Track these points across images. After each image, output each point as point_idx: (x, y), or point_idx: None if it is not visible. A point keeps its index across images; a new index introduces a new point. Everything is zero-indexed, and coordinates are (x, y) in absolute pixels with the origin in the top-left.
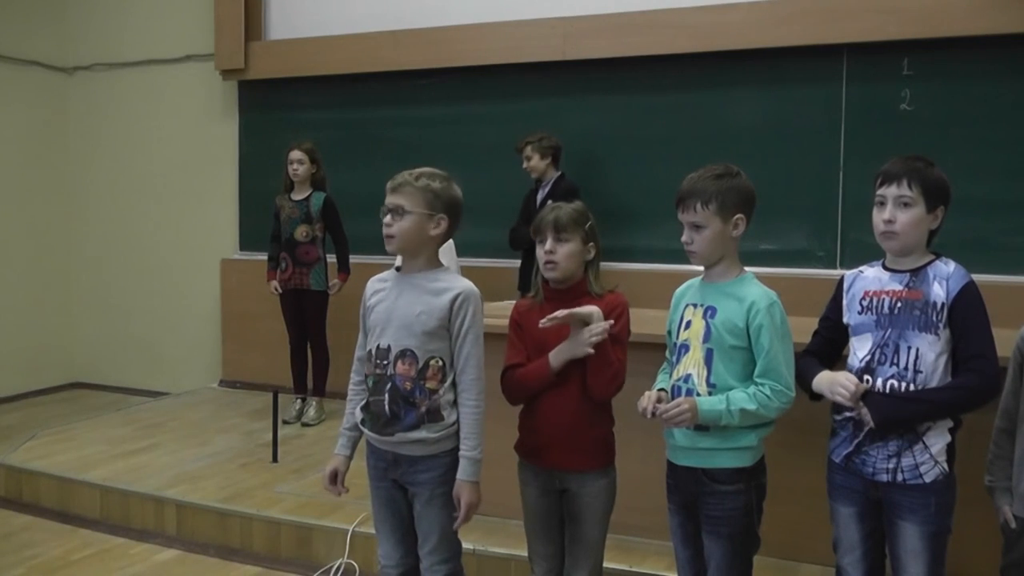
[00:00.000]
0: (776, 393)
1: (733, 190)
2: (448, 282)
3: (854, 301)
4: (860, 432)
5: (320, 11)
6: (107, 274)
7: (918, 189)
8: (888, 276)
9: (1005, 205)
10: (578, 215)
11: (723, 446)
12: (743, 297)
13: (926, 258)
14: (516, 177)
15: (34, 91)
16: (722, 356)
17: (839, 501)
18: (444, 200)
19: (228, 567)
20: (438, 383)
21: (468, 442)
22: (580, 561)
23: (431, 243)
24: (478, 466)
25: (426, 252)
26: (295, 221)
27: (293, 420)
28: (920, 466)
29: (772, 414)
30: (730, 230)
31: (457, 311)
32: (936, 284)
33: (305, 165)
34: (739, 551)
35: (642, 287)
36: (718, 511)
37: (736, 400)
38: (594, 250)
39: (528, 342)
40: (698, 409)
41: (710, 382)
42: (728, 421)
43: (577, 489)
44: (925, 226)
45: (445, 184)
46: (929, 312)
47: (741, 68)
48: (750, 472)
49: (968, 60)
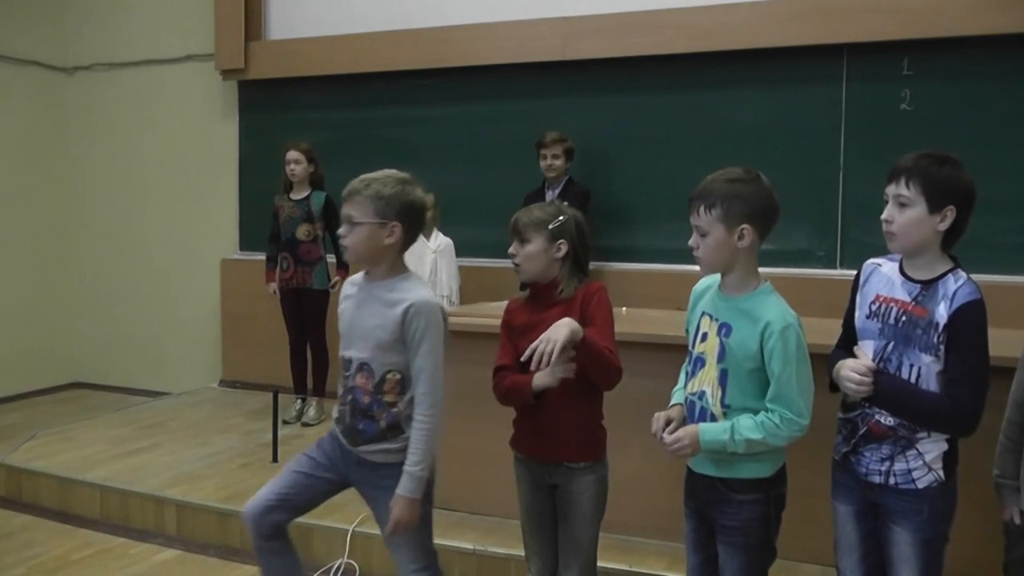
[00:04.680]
0: (786, 422)
1: (741, 197)
2: (404, 292)
3: (865, 301)
4: (856, 434)
5: (320, 11)
6: (107, 274)
7: (917, 188)
8: (900, 282)
9: (1005, 205)
10: (542, 216)
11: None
12: (758, 317)
13: (940, 267)
14: (516, 177)
15: (33, 91)
16: (737, 378)
17: (838, 499)
18: (396, 206)
19: (228, 567)
20: (396, 396)
21: (411, 457)
22: (570, 559)
23: (388, 251)
24: (419, 483)
25: (386, 260)
26: (296, 220)
27: (293, 420)
28: (913, 471)
29: (780, 443)
30: (735, 240)
31: (409, 323)
32: (942, 303)
33: (303, 165)
34: (755, 562)
35: (642, 287)
36: (734, 521)
37: (742, 429)
38: (566, 247)
39: (515, 340)
40: (700, 440)
41: (724, 403)
42: (734, 450)
43: (565, 484)
44: (928, 227)
45: (398, 189)
46: (931, 333)
47: (741, 68)
48: (769, 482)
49: (968, 60)
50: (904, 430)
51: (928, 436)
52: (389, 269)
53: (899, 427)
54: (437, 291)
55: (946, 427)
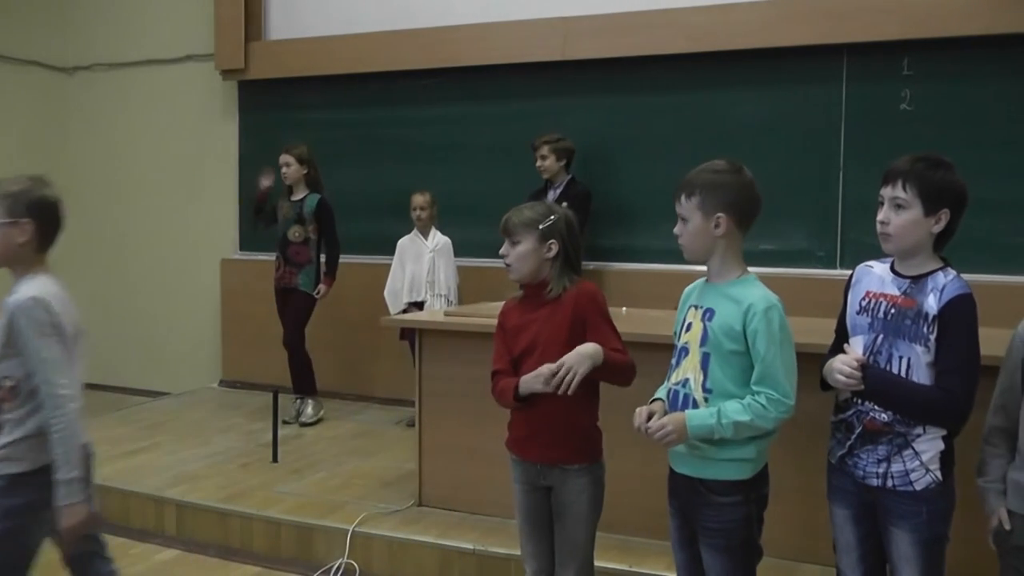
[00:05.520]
0: (773, 402)
1: (719, 187)
2: (15, 296)
3: (856, 299)
4: (852, 434)
5: (320, 11)
6: (107, 274)
7: (914, 191)
8: (891, 279)
9: (1005, 205)
10: (533, 216)
11: (720, 456)
12: (741, 299)
13: (931, 265)
14: (516, 177)
15: (34, 91)
16: (719, 360)
17: (835, 502)
18: (25, 203)
19: (228, 567)
20: (15, 404)
21: (57, 466)
22: (566, 561)
23: (21, 252)
24: (73, 486)
25: (21, 264)
26: (289, 221)
27: (292, 420)
28: (910, 473)
29: (769, 424)
30: (712, 228)
31: (10, 327)
32: (931, 295)
33: (293, 167)
34: (739, 563)
35: (642, 287)
36: (715, 523)
37: (728, 412)
38: (556, 247)
39: (508, 341)
40: (687, 426)
41: (706, 387)
42: (722, 435)
43: (560, 486)
44: (923, 229)
45: (26, 186)
46: (920, 323)
47: (741, 68)
48: (749, 484)
49: (968, 60)
50: (901, 426)
51: (924, 434)
52: (26, 271)
53: (895, 422)
54: (435, 290)
55: (938, 418)
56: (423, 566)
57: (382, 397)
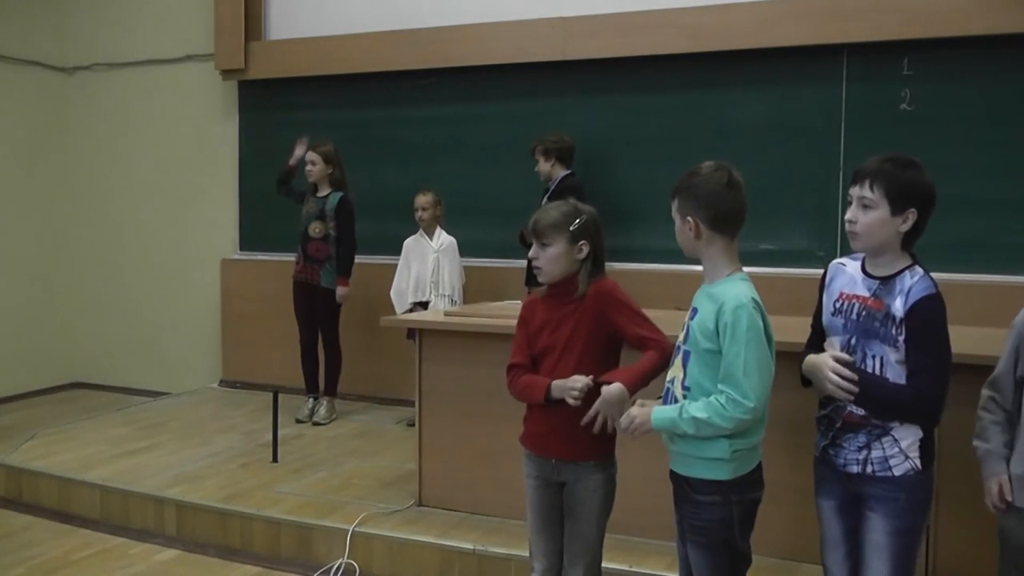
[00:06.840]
0: (731, 402)
1: (689, 190)
2: None
3: (831, 299)
4: (834, 425)
5: (320, 11)
6: (107, 274)
7: (880, 191)
8: (861, 279)
9: (1005, 205)
10: (561, 217)
11: (695, 454)
12: (718, 298)
13: (899, 264)
14: (517, 177)
15: (34, 91)
16: (697, 359)
17: (820, 495)
18: None
19: (228, 567)
20: None
21: None
22: (576, 558)
23: None
24: None
25: None
26: (311, 217)
27: (306, 419)
28: (890, 459)
29: (727, 424)
30: (687, 230)
31: None
32: (899, 298)
33: (319, 166)
34: (721, 563)
35: (642, 287)
36: (695, 520)
37: (690, 408)
38: (587, 248)
39: (531, 338)
40: (651, 418)
41: (685, 384)
42: (684, 429)
43: (574, 482)
44: (891, 228)
45: None
46: (888, 325)
47: (741, 68)
48: (728, 486)
49: (968, 60)
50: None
51: (902, 424)
52: None
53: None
54: (439, 290)
55: (910, 416)
56: (423, 566)
57: (382, 397)
